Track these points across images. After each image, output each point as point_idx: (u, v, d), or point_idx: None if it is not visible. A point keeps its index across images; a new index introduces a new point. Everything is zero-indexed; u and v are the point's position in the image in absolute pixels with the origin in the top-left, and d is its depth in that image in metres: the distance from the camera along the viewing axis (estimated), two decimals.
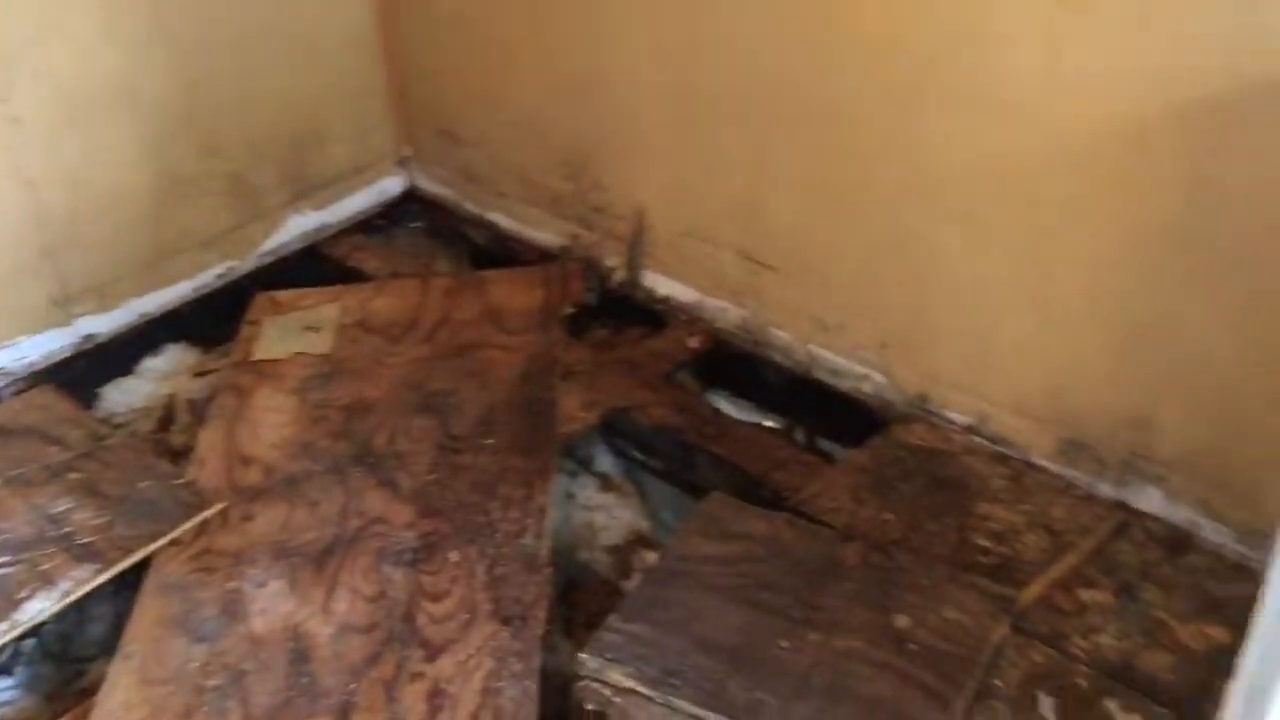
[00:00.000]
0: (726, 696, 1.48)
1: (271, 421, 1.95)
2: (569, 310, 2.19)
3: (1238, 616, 1.47)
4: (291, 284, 2.29)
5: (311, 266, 2.39)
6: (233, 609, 1.63)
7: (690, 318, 2.15)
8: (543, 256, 2.34)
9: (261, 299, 2.26)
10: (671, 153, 2.04)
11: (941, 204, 1.72)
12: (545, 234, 2.35)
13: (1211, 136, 1.42)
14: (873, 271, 1.86)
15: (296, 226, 2.42)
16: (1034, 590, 1.61)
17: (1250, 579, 1.56)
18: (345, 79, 2.41)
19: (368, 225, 2.52)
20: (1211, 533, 1.65)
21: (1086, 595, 1.60)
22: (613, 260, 2.25)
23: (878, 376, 1.94)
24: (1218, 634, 1.52)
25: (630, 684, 1.50)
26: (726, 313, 2.11)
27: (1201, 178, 1.45)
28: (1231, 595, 1.56)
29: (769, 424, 2.07)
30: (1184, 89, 1.43)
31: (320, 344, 2.13)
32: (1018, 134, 1.59)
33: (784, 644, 1.54)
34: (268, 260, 2.38)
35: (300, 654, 1.56)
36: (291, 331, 2.17)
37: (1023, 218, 1.65)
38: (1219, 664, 1.46)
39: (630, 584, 1.79)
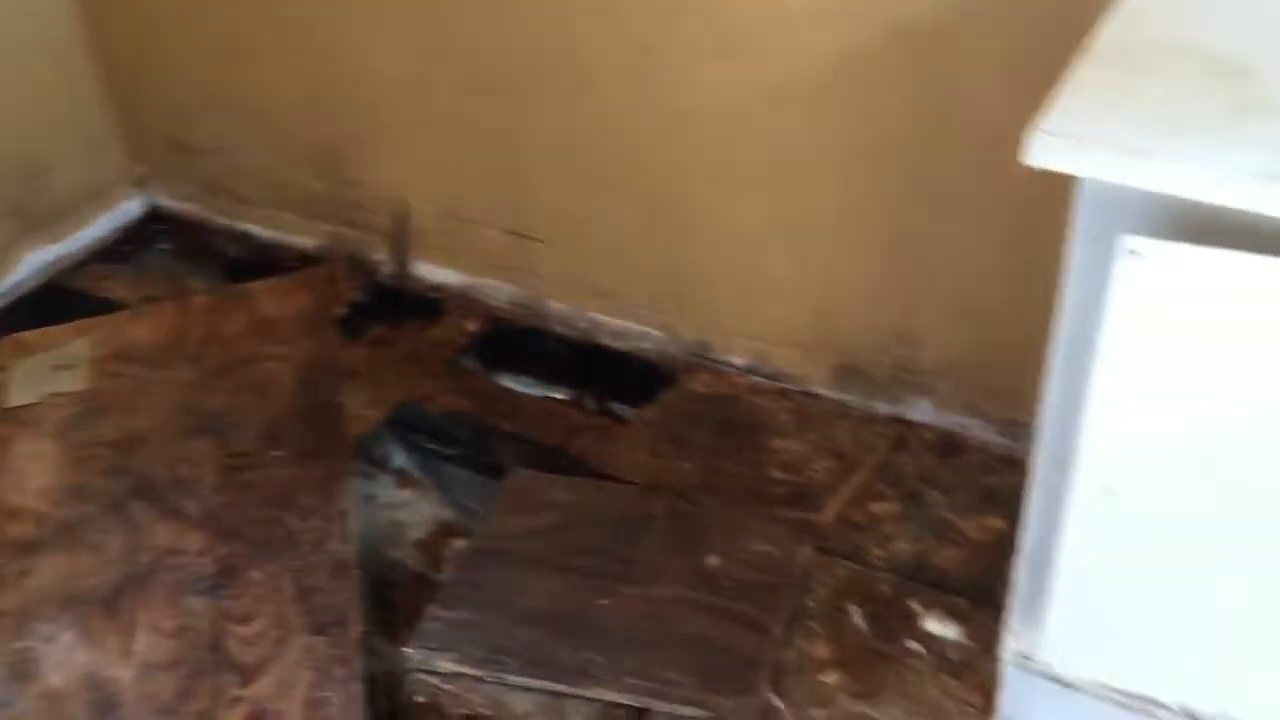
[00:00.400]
0: (556, 663, 1.49)
1: (35, 469, 1.82)
2: (340, 311, 2.13)
3: (1012, 504, 1.59)
4: (36, 324, 2.14)
5: (56, 303, 2.24)
6: (23, 669, 1.52)
7: (466, 301, 2.14)
8: (305, 261, 2.27)
9: (4, 344, 2.10)
10: (426, 137, 2.02)
11: (694, 153, 1.77)
12: (304, 238, 2.28)
13: (931, 56, 1.51)
14: (639, 229, 1.90)
15: (33, 262, 2.27)
16: (830, 511, 1.69)
17: (1018, 469, 1.69)
18: (58, 97, 2.25)
19: (112, 252, 2.38)
20: (980, 432, 1.77)
21: (878, 508, 1.70)
22: (379, 255, 2.21)
23: (657, 333, 1.99)
24: (997, 522, 1.64)
25: (458, 668, 1.50)
26: (501, 291, 2.11)
27: (928, 97, 1.54)
28: (1004, 485, 1.69)
29: (559, 395, 2.08)
30: (903, 10, 1.51)
31: (75, 381, 2.00)
32: (755, 75, 1.65)
33: (604, 602, 1.56)
34: (4, 303, 2.22)
35: (104, 702, 1.48)
36: (42, 373, 2.03)
37: (771, 156, 1.71)
38: (1002, 548, 1.57)
39: (444, 575, 1.78)
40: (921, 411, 1.81)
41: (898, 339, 1.78)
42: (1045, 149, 0.98)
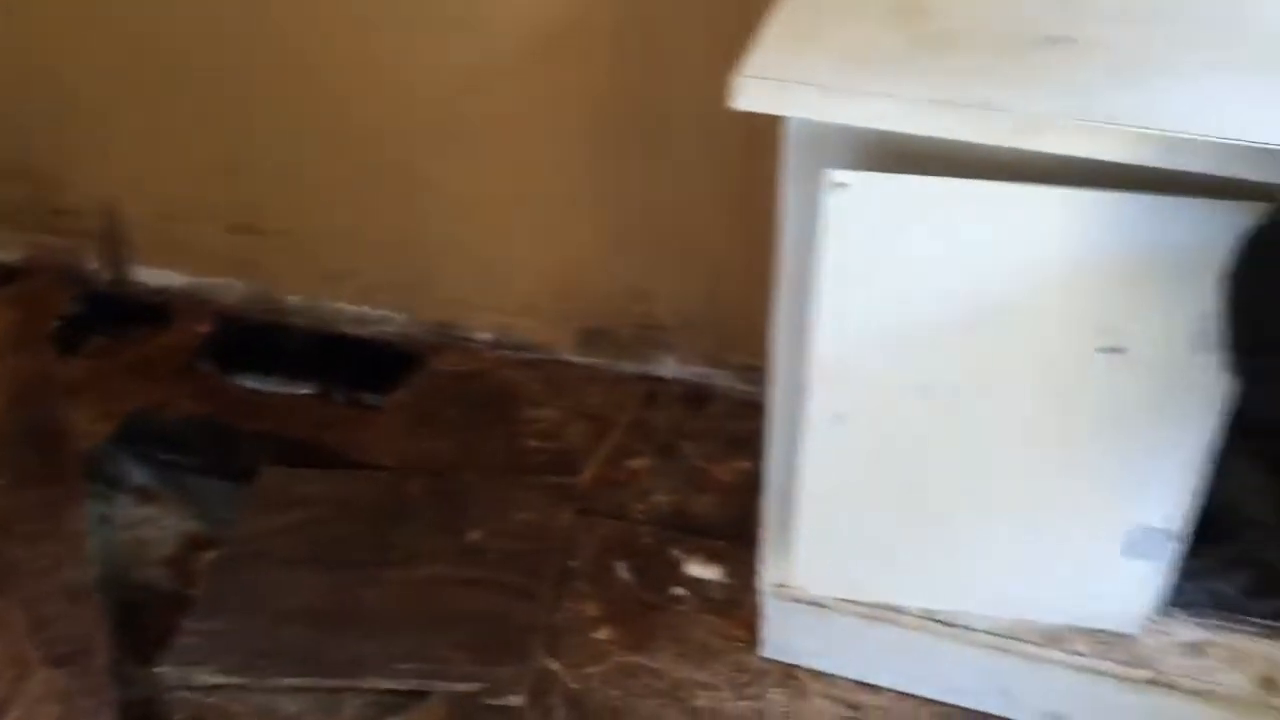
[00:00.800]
0: (323, 658, 1.45)
1: None
2: (53, 325, 1.99)
3: (758, 445, 1.65)
4: None
5: None
6: None
7: (194, 303, 2.03)
8: (8, 276, 2.10)
9: None
10: (134, 133, 1.90)
11: (421, 129, 1.74)
12: (6, 252, 2.11)
13: (639, 13, 1.53)
14: (371, 211, 1.85)
15: None
16: (588, 473, 1.71)
17: (761, 412, 1.76)
18: None
19: None
20: (724, 381, 1.83)
21: (634, 464, 1.73)
22: (94, 263, 2.07)
23: (399, 316, 1.95)
24: (746, 464, 1.70)
25: (219, 679, 1.43)
26: (231, 289, 2.02)
27: (640, 54, 1.57)
28: (750, 429, 1.73)
29: (304, 390, 2.01)
30: None
31: None
32: (474, 45, 1.63)
33: (369, 590, 1.53)
34: None
35: None
36: None
37: (496, 125, 1.70)
38: (752, 488, 1.63)
39: (198, 589, 1.69)
40: (668, 367, 1.86)
41: (637, 298, 1.81)
42: (749, 92, 1.02)
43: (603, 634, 1.51)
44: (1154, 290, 1.04)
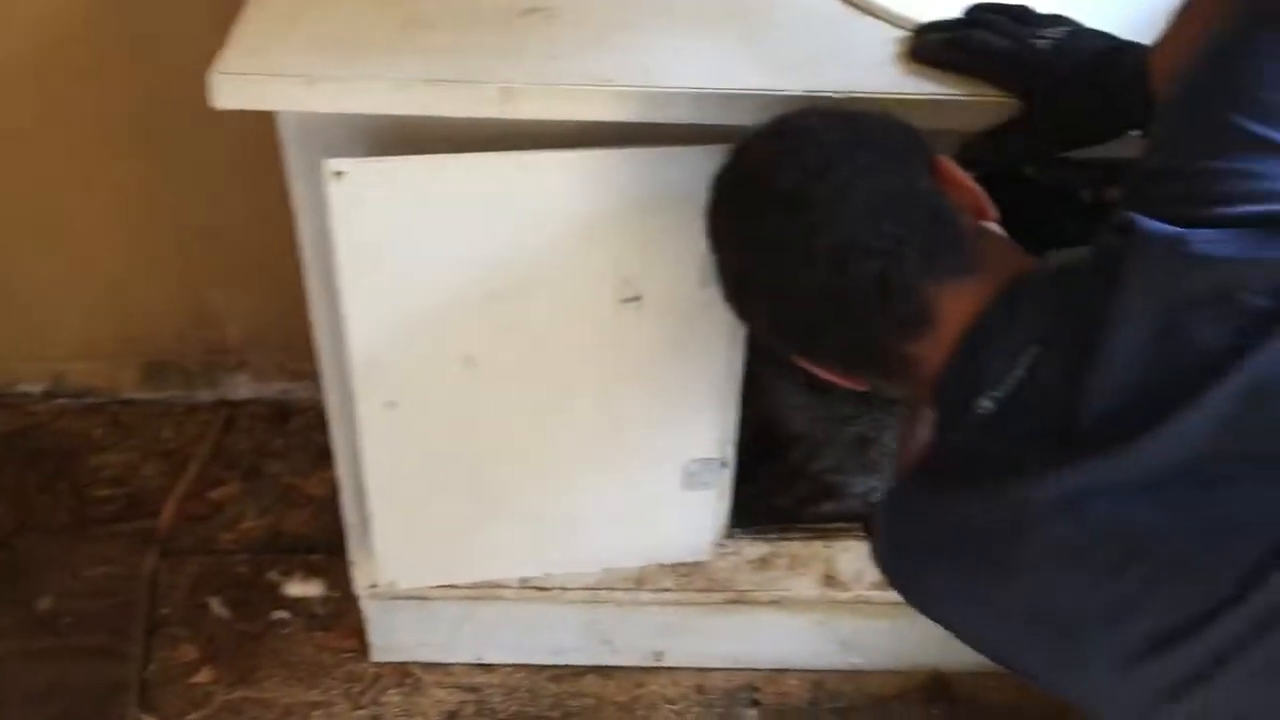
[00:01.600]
0: None
1: None
2: None
3: None
4: None
5: None
6: None
7: None
8: None
9: None
10: None
11: None
12: None
13: (139, 15, 1.45)
14: None
15: None
16: (169, 513, 1.62)
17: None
18: None
19: None
20: (303, 393, 1.76)
21: (218, 494, 1.65)
22: None
23: None
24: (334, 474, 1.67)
25: None
26: None
27: (150, 62, 1.47)
28: None
29: None
30: None
31: None
32: None
33: None
34: None
35: None
36: None
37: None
38: None
39: None
40: (244, 388, 1.78)
41: (199, 323, 1.72)
42: (228, 90, 0.98)
43: (203, 676, 1.43)
44: (659, 239, 1.10)
